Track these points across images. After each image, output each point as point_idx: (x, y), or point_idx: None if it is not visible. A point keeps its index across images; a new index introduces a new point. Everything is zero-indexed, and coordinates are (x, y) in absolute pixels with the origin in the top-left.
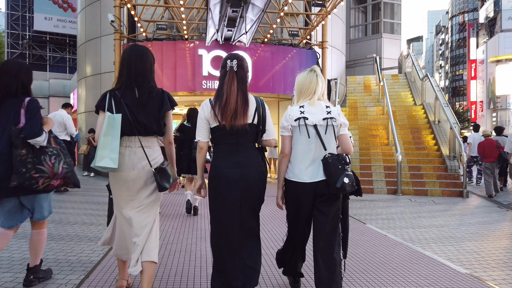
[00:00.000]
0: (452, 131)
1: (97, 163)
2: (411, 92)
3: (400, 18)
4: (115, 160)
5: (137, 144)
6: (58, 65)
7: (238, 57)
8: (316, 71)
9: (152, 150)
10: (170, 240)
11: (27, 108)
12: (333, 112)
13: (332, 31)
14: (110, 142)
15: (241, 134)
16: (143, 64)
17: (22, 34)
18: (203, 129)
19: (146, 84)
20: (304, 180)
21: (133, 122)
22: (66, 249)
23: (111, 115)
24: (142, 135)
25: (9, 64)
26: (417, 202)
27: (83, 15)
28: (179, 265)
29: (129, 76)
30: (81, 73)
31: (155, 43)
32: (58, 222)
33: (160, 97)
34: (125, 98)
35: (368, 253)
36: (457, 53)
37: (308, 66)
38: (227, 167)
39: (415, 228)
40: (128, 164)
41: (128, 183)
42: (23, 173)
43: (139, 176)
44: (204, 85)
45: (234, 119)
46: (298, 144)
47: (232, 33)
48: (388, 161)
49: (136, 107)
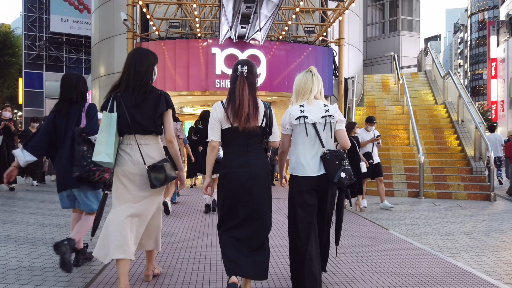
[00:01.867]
0: (477, 131)
1: (94, 158)
2: (431, 91)
3: (419, 15)
4: (111, 156)
5: (136, 141)
6: (74, 66)
7: (248, 63)
8: (312, 71)
9: (150, 147)
10: (178, 246)
11: (87, 111)
12: (331, 110)
13: (349, 28)
14: (106, 139)
15: (252, 136)
16: (141, 66)
17: (39, 36)
18: (216, 129)
19: (143, 85)
20: (307, 174)
21: (131, 121)
22: None
23: (108, 113)
24: (140, 133)
25: (69, 76)
26: (442, 206)
27: (96, 15)
28: (186, 275)
29: (128, 78)
30: (95, 73)
31: (168, 42)
32: (63, 226)
33: (157, 98)
34: (124, 99)
35: (394, 263)
36: (477, 52)
37: (325, 64)
38: (238, 166)
39: (442, 235)
40: (129, 160)
41: (129, 178)
42: (84, 166)
43: (139, 171)
44: (218, 84)
45: (247, 121)
46: (299, 141)
47: (246, 30)
48: (409, 162)
49: (133, 108)
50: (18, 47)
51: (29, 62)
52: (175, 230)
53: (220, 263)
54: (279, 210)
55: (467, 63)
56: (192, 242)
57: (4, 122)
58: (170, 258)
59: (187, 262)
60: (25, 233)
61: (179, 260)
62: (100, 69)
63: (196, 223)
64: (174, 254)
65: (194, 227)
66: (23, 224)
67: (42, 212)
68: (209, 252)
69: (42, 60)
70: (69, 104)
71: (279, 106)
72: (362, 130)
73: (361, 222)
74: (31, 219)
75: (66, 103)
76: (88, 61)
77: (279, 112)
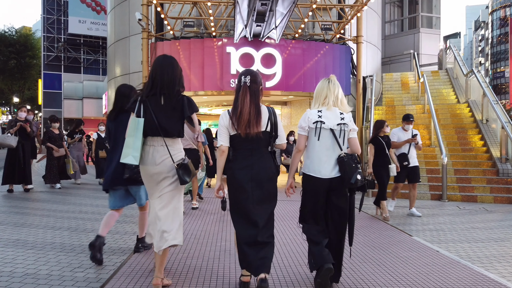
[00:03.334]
0: (504, 131)
1: (122, 160)
2: (453, 89)
3: (439, 12)
4: (137, 158)
5: (160, 143)
6: (91, 67)
7: (251, 73)
8: (331, 79)
9: (172, 148)
10: (190, 253)
11: None
12: (346, 119)
13: (367, 26)
14: (133, 142)
15: (255, 141)
16: (169, 74)
17: (58, 37)
18: (224, 135)
19: (172, 92)
20: (321, 175)
21: (157, 125)
22: (75, 263)
23: (136, 118)
24: (164, 136)
25: (123, 88)
26: (467, 209)
27: (112, 15)
28: (198, 286)
29: (155, 84)
30: (111, 74)
31: (182, 42)
32: (74, 230)
33: (180, 104)
34: (151, 104)
35: (420, 274)
36: (498, 49)
37: (342, 62)
38: (241, 168)
39: (470, 242)
40: (151, 160)
41: (151, 176)
42: (133, 168)
43: (161, 170)
44: (232, 83)
45: (248, 128)
46: (315, 144)
47: (261, 28)
48: (430, 164)
49: (160, 113)
50: (38, 49)
51: (48, 63)
52: (188, 234)
53: (234, 273)
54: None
55: (488, 61)
56: (205, 249)
57: (19, 123)
58: (181, 266)
59: (199, 271)
60: (35, 237)
61: (190, 268)
62: (116, 69)
63: (210, 227)
64: (185, 261)
65: (207, 231)
66: (33, 227)
67: (54, 214)
68: (222, 260)
69: (61, 62)
70: (120, 112)
71: (295, 106)
72: (399, 130)
73: (382, 227)
74: (42, 222)
75: (117, 111)
76: (105, 62)
77: (295, 112)
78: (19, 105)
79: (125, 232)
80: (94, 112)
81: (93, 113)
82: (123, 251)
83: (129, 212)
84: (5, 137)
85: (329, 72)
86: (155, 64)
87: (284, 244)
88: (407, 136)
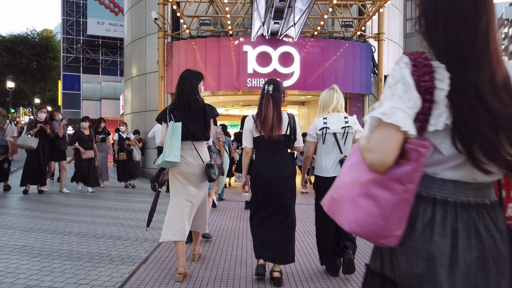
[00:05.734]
0: None
1: (166, 159)
2: None
3: None
4: (178, 156)
5: (189, 146)
6: (109, 68)
7: (274, 82)
8: (335, 88)
9: (200, 150)
10: (204, 263)
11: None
12: (350, 122)
13: (388, 23)
14: (174, 143)
15: (277, 143)
16: (191, 86)
17: (77, 39)
18: (249, 137)
19: (193, 103)
20: (329, 175)
21: (186, 131)
22: (80, 274)
23: (174, 123)
24: (192, 140)
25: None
26: None
27: (129, 15)
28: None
29: (182, 96)
30: (127, 74)
31: (199, 41)
32: (83, 235)
33: (203, 111)
34: (179, 113)
35: None
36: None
37: (362, 60)
38: (265, 168)
39: None
40: (183, 162)
41: (183, 176)
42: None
43: (192, 170)
44: (249, 83)
45: (271, 131)
46: (322, 148)
47: (279, 26)
48: None
49: (188, 120)
50: (59, 50)
51: (67, 64)
52: (203, 240)
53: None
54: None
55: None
56: (220, 258)
57: (40, 125)
58: (193, 280)
59: (213, 285)
60: (42, 243)
61: (203, 282)
62: (132, 70)
63: (227, 233)
64: (198, 274)
65: (223, 237)
66: (42, 232)
67: (65, 218)
68: (238, 270)
69: (80, 63)
70: None
71: (313, 106)
72: None
73: None
74: (52, 226)
75: None
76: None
77: (313, 112)
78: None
79: (136, 239)
80: (112, 113)
81: (111, 114)
82: (133, 259)
83: (142, 216)
84: (26, 138)
85: (349, 71)
86: (182, 79)
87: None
88: None
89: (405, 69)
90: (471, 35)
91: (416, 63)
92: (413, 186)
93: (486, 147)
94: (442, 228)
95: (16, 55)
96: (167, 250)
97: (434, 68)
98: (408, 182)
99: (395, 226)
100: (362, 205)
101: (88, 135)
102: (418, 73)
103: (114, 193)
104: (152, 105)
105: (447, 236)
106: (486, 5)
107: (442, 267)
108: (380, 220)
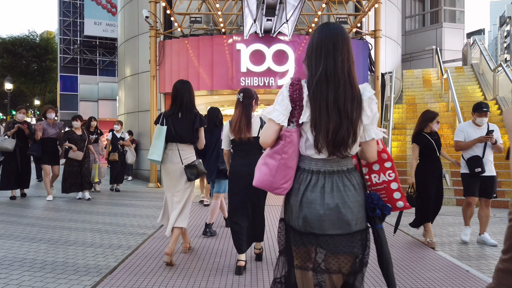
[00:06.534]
0: None
1: (149, 157)
2: (479, 86)
3: (463, 5)
4: (160, 156)
5: (175, 147)
6: (107, 69)
7: (244, 90)
8: None
9: (185, 152)
10: (192, 255)
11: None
12: None
13: (386, 19)
14: (158, 144)
15: (248, 144)
16: (187, 98)
17: (74, 40)
18: (226, 141)
19: (189, 111)
20: None
21: (174, 133)
22: (37, 286)
23: (160, 126)
24: (180, 142)
25: (212, 110)
26: (498, 217)
27: (122, 14)
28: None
29: (176, 103)
30: (121, 74)
31: (191, 39)
32: (54, 242)
33: (194, 118)
34: (171, 118)
35: None
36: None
37: (359, 58)
38: (240, 166)
39: None
40: (170, 160)
41: (170, 173)
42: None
43: (177, 168)
44: (243, 82)
45: (240, 134)
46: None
47: (272, 23)
48: (456, 166)
49: (177, 124)
50: (54, 53)
51: (64, 65)
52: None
53: None
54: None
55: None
56: (208, 250)
57: (17, 125)
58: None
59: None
60: (7, 251)
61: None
62: (125, 70)
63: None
64: (185, 265)
65: (220, 233)
66: (10, 239)
67: (40, 223)
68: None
69: (77, 64)
70: (213, 127)
71: None
72: (468, 124)
73: (401, 239)
74: (23, 232)
75: (210, 126)
76: None
77: None
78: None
79: (109, 246)
80: (110, 114)
81: (108, 115)
82: (99, 270)
83: (122, 221)
84: (2, 140)
85: None
86: (175, 88)
87: None
88: (480, 133)
89: (285, 88)
90: (331, 66)
91: (292, 84)
92: (286, 156)
93: (322, 135)
94: (315, 187)
95: (16, 57)
96: (140, 258)
97: (302, 86)
98: (283, 153)
99: (281, 181)
100: (261, 169)
101: (81, 135)
102: (292, 89)
103: (100, 195)
104: (145, 105)
105: (317, 192)
106: (341, 47)
107: (314, 210)
108: (271, 177)
